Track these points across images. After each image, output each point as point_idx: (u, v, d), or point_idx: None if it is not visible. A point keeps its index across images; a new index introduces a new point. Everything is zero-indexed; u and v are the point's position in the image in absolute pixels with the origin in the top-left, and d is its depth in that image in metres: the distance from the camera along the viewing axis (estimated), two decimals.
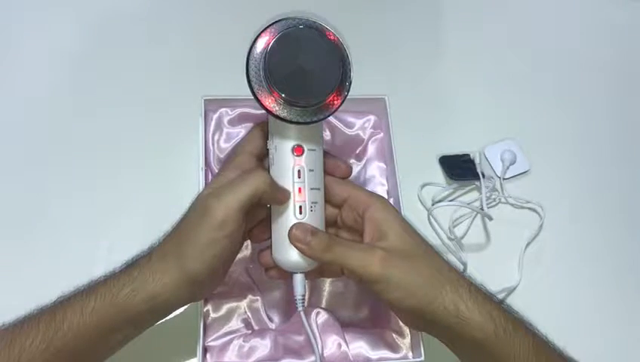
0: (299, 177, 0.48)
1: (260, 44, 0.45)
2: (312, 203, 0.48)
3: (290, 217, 0.48)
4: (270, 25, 0.46)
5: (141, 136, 0.69)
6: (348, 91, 0.47)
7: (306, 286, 0.50)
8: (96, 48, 0.75)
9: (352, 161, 0.65)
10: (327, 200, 0.51)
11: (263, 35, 0.46)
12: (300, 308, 0.49)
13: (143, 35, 0.77)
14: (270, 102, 0.45)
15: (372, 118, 0.64)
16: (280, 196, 0.48)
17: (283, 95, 0.45)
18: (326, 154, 0.51)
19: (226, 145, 0.61)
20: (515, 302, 0.54)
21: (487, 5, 0.85)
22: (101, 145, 0.69)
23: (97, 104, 0.71)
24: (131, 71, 0.74)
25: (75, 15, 0.77)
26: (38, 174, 0.67)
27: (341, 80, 0.46)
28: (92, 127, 0.70)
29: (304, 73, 0.45)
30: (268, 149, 0.49)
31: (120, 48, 0.75)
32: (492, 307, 0.45)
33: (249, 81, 0.45)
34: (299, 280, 0.49)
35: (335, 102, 0.47)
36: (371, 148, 0.64)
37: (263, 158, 0.51)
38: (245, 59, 0.45)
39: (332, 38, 0.46)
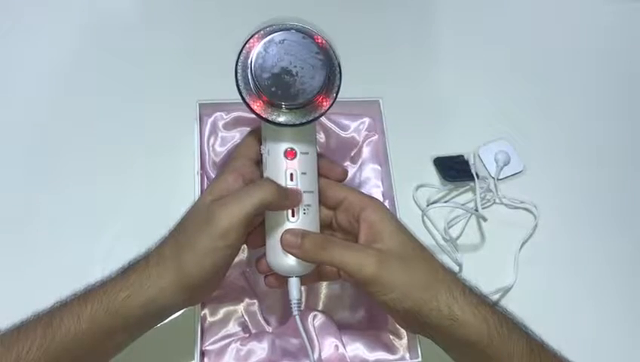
0: (291, 180, 0.48)
1: (248, 50, 0.46)
2: (306, 206, 0.48)
3: (282, 220, 0.48)
4: (258, 31, 0.46)
5: (136, 141, 0.70)
6: (337, 93, 0.47)
7: (302, 290, 0.49)
8: (92, 53, 0.76)
9: (347, 163, 0.65)
10: (322, 203, 0.51)
11: (251, 40, 0.46)
12: (296, 312, 0.48)
13: (138, 39, 0.78)
14: (259, 106, 0.46)
15: (367, 120, 0.64)
16: (288, 202, 0.47)
17: (270, 97, 0.45)
18: (321, 157, 0.51)
19: (221, 149, 0.61)
20: (510, 303, 0.55)
21: (482, 6, 0.85)
22: (97, 149, 0.69)
23: (93, 108, 0.72)
24: (127, 75, 0.74)
25: (71, 20, 0.78)
26: (34, 178, 0.67)
27: (329, 81, 0.46)
28: (88, 131, 0.70)
29: (290, 75, 0.45)
30: (262, 154, 0.50)
31: (115, 53, 0.76)
32: (486, 309, 0.45)
33: (238, 86, 0.46)
34: (294, 284, 0.48)
35: (324, 103, 0.47)
36: (366, 151, 0.64)
37: (259, 163, 0.51)
38: (234, 65, 0.46)
39: (319, 41, 0.47)
